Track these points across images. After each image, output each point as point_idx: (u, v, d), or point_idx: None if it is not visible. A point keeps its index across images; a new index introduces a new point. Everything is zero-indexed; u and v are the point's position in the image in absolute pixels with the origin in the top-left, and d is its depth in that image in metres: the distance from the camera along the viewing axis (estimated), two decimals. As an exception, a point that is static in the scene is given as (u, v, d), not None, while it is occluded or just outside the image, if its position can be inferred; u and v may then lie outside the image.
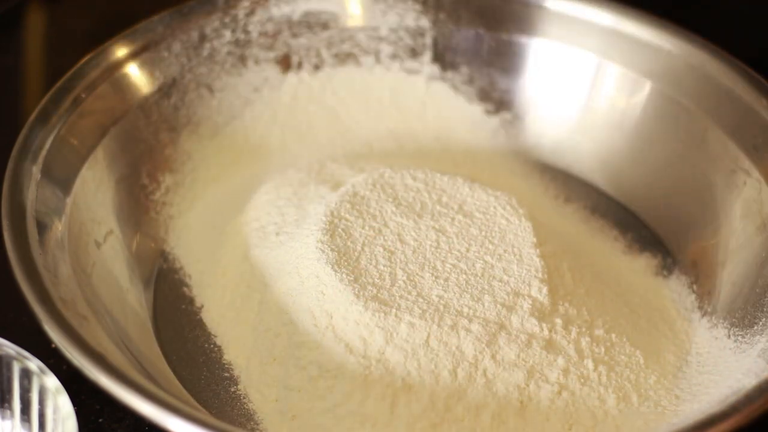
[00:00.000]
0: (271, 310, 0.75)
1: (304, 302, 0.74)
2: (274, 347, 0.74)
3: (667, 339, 0.78)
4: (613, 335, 0.75)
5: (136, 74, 0.84)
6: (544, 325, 0.73)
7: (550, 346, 0.72)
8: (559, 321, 0.74)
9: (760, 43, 1.02)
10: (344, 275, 0.73)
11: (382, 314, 0.72)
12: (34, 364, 0.66)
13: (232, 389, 0.74)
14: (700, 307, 0.80)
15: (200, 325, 0.78)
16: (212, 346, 0.77)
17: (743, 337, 0.75)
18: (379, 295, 0.73)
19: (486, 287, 0.74)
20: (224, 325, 0.78)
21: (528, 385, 0.71)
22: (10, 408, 0.67)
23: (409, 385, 0.70)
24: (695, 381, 0.74)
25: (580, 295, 0.76)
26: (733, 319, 0.77)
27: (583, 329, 0.74)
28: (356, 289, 0.73)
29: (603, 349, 0.74)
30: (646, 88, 0.87)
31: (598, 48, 0.89)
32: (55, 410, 0.65)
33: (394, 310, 0.72)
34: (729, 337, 0.77)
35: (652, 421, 0.71)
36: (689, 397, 0.73)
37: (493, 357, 0.71)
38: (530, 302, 0.73)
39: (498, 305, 0.73)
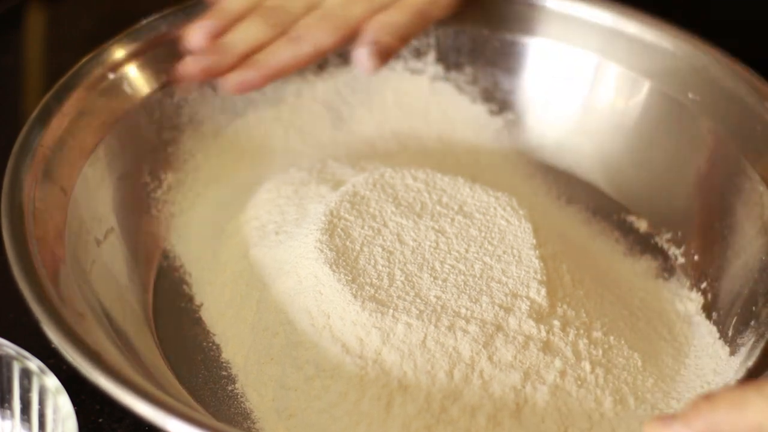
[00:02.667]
0: (270, 309, 0.75)
1: (302, 302, 0.74)
2: (272, 346, 0.74)
3: (665, 342, 0.78)
4: (612, 337, 0.75)
5: (138, 73, 0.84)
6: (541, 326, 0.73)
7: (547, 347, 0.72)
8: (557, 323, 0.73)
9: (762, 44, 1.02)
10: (342, 275, 0.73)
11: (379, 314, 0.72)
12: (34, 364, 0.66)
13: (230, 388, 0.74)
14: (700, 310, 0.80)
15: (199, 323, 0.78)
16: (210, 344, 0.77)
17: (740, 339, 0.75)
18: (376, 295, 0.73)
19: (484, 288, 0.74)
20: (223, 324, 0.78)
21: (524, 387, 0.71)
22: (10, 408, 0.67)
23: (405, 385, 0.70)
24: (692, 384, 0.74)
25: (579, 297, 0.76)
26: (732, 323, 0.77)
27: (581, 331, 0.74)
28: (354, 289, 0.73)
29: (600, 352, 0.74)
30: (648, 89, 0.87)
31: (601, 49, 0.89)
32: (55, 410, 0.65)
33: (391, 311, 0.72)
34: (726, 340, 0.77)
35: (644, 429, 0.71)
36: (686, 400, 0.73)
37: (489, 358, 0.71)
38: (528, 304, 0.73)
39: (496, 306, 0.73)
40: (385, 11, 0.84)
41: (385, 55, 0.84)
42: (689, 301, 0.81)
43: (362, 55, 0.84)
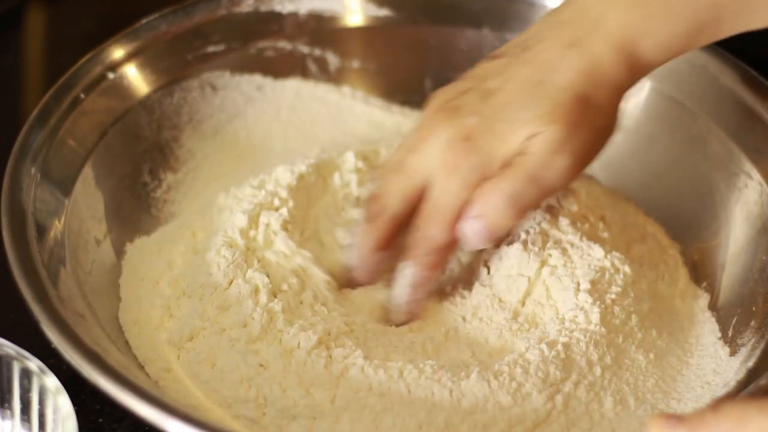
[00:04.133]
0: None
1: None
2: None
3: (672, 341, 0.77)
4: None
5: (137, 72, 0.84)
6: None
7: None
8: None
9: (762, 43, 1.01)
10: None
11: None
12: (34, 364, 0.66)
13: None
14: (705, 309, 0.80)
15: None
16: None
17: (740, 339, 0.75)
18: None
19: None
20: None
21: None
22: (10, 408, 0.67)
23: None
24: (692, 384, 0.74)
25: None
26: (732, 323, 0.77)
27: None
28: None
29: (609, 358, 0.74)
30: (648, 89, 0.86)
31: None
32: (55, 410, 0.65)
33: None
34: (726, 340, 0.76)
35: (647, 424, 0.71)
36: (686, 400, 0.73)
37: None
38: None
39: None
40: (491, 179, 0.72)
41: (494, 229, 0.73)
42: (693, 300, 0.80)
43: (466, 230, 0.73)
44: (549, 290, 0.75)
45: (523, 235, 0.76)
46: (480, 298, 0.76)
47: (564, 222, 0.78)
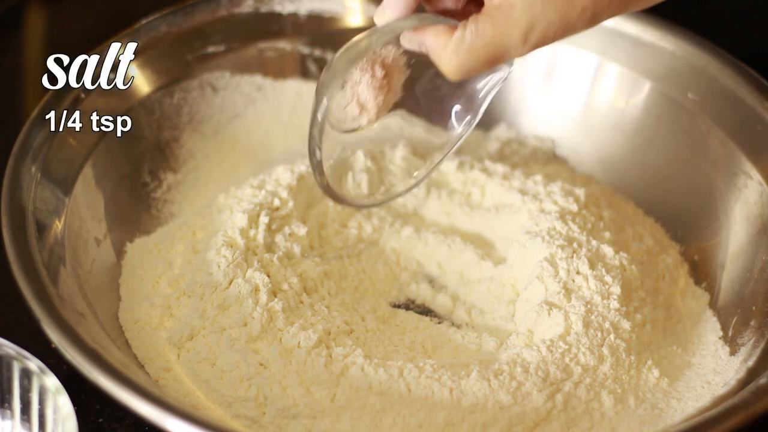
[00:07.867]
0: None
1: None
2: None
3: (676, 341, 0.77)
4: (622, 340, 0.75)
5: (138, 72, 0.84)
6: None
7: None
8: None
9: (761, 43, 1.02)
10: None
11: None
12: (34, 364, 0.66)
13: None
14: (706, 307, 0.80)
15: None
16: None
17: (740, 339, 0.75)
18: None
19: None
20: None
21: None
22: (10, 408, 0.67)
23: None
24: (693, 384, 0.74)
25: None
26: (732, 323, 0.77)
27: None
28: None
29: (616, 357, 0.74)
30: (648, 89, 0.87)
31: (601, 49, 0.88)
32: (55, 410, 0.65)
33: None
34: (726, 340, 0.77)
35: (647, 423, 0.71)
36: (686, 399, 0.73)
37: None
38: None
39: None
40: None
41: None
42: (693, 300, 0.80)
43: None
44: (547, 287, 0.75)
45: (537, 232, 0.77)
46: (487, 293, 0.76)
47: (572, 222, 0.78)
